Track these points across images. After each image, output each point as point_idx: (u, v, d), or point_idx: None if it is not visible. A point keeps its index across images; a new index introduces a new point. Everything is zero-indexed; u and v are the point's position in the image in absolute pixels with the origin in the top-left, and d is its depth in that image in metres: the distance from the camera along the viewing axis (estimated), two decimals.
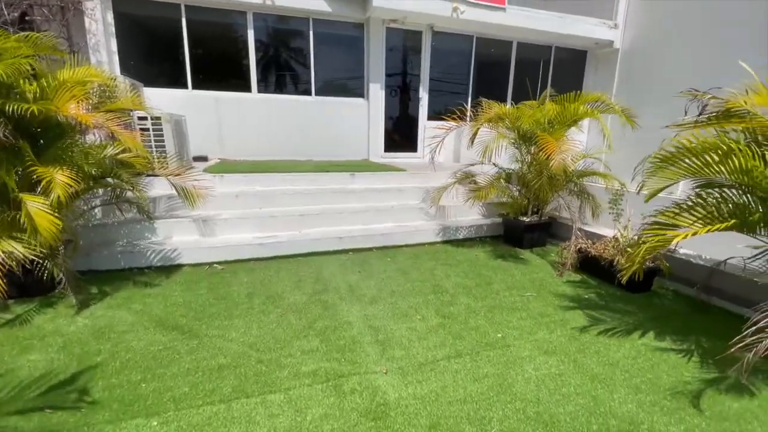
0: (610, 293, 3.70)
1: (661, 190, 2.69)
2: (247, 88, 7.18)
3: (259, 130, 7.29)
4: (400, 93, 8.25)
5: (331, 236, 4.74)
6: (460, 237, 5.33)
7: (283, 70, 7.49)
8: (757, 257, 2.81)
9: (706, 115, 2.59)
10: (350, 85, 7.84)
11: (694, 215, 2.50)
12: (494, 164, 5.08)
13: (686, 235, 2.43)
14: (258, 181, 5.35)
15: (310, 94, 7.56)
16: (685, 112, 2.74)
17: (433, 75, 8.18)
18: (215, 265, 4.15)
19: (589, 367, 2.53)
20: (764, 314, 2.24)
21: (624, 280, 2.78)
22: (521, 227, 4.92)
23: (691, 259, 3.64)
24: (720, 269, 3.34)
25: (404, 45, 7.99)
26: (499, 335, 2.92)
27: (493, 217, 5.56)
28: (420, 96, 8.20)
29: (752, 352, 2.20)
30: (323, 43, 7.42)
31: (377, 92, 7.76)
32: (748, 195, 2.47)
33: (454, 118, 5.35)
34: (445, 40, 8.05)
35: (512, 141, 4.86)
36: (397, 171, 6.01)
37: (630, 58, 8.34)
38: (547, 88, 4.96)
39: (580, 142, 4.57)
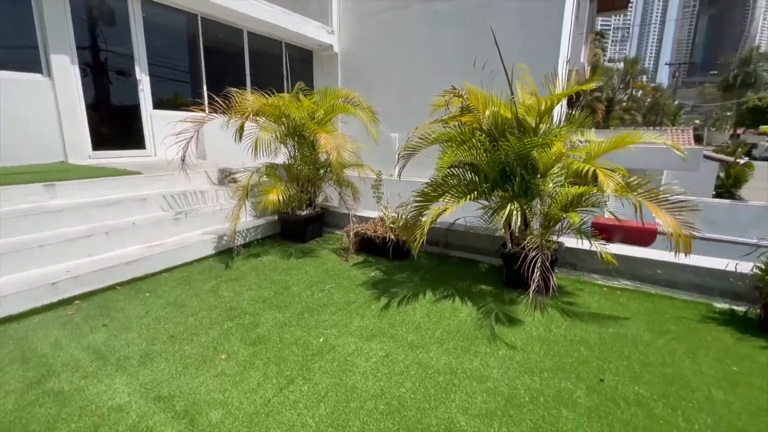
0: (388, 266, 4.22)
1: (446, 167, 3.24)
2: None
3: None
4: (108, 73, 6.23)
5: (34, 284, 3.06)
6: (237, 243, 4.69)
7: None
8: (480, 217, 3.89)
9: (452, 113, 3.27)
10: (10, 55, 5.21)
11: (452, 191, 3.15)
12: (268, 163, 4.69)
13: (453, 207, 3.04)
14: None
15: None
16: (447, 105, 3.36)
17: (155, 56, 6.63)
18: None
19: (404, 338, 2.77)
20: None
21: (416, 250, 3.22)
22: (301, 221, 4.84)
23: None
24: (451, 229, 4.45)
25: (103, 10, 6.02)
26: (321, 340, 2.74)
27: (266, 216, 5.19)
28: (138, 79, 6.47)
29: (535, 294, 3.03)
30: None
31: (67, 68, 5.53)
32: (477, 174, 3.35)
33: (200, 109, 4.54)
34: (162, 14, 6.64)
35: (280, 135, 4.61)
36: (131, 175, 4.54)
37: (347, 61, 9.66)
38: (288, 81, 4.99)
39: (352, 136, 4.88)
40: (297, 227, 4.92)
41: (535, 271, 3.09)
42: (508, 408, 2.11)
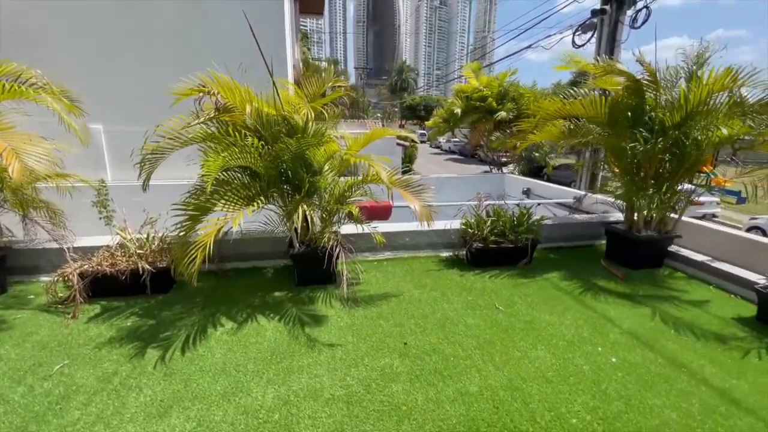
0: (148, 306, 3.24)
1: (216, 172, 2.61)
2: None
3: None
4: None
5: None
6: None
7: None
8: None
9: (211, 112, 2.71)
10: None
11: (230, 198, 2.69)
12: None
13: (241, 216, 2.63)
14: None
15: None
16: (200, 102, 2.70)
17: None
18: None
19: (212, 390, 2.24)
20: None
21: (195, 278, 2.59)
22: None
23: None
24: (225, 239, 3.88)
25: None
26: None
27: None
28: None
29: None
30: None
31: None
32: (254, 177, 3.00)
33: None
34: None
35: None
36: None
37: None
38: None
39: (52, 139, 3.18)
40: None
41: (331, 264, 3.20)
42: (351, 410, 2.12)
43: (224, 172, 3.00)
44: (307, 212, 3.26)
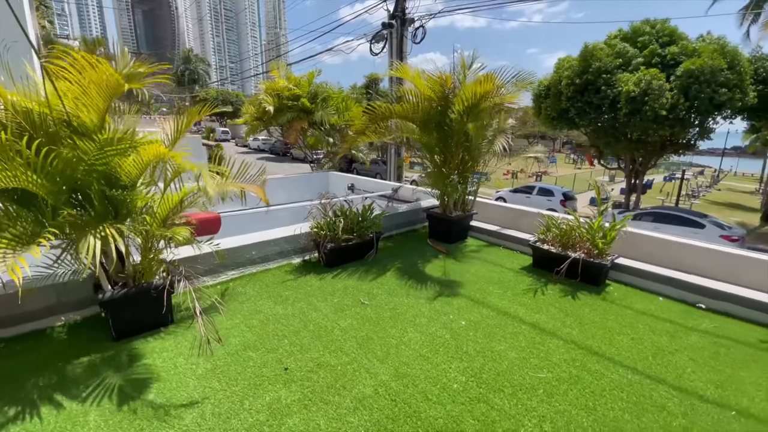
0: None
1: None
2: None
3: None
4: None
5: None
6: None
7: None
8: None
9: None
10: None
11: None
12: None
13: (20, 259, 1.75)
14: None
15: None
16: None
17: None
18: None
19: None
20: None
21: None
22: None
23: None
24: None
25: None
26: None
27: None
28: None
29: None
30: None
31: None
32: (27, 202, 2.01)
33: None
34: None
35: None
36: None
37: None
38: None
39: None
40: None
41: (163, 301, 2.55)
42: None
43: None
44: (118, 240, 2.49)
